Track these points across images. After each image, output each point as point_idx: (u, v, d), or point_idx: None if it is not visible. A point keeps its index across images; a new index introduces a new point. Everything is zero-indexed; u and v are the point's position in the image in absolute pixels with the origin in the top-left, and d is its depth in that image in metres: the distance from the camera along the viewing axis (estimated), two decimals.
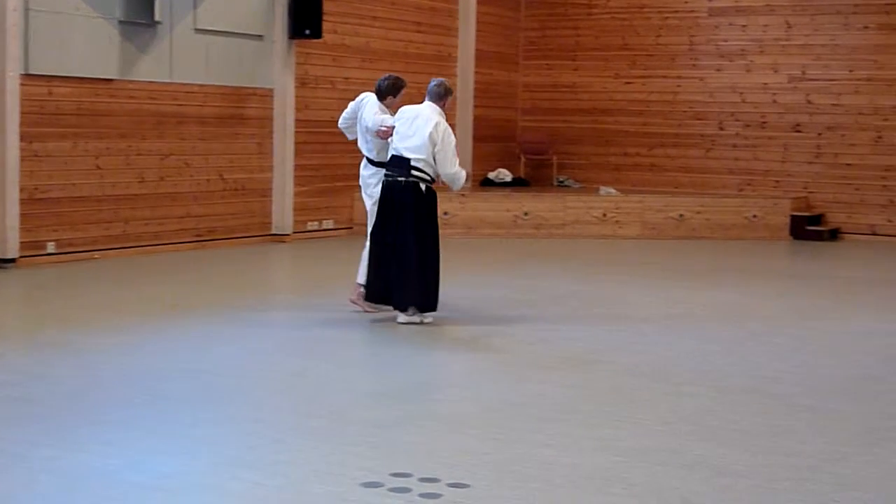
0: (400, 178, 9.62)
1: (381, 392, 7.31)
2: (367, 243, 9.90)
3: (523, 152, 19.63)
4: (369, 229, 9.91)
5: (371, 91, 10.41)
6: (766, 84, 18.30)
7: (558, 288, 11.95)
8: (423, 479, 5.48)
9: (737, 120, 18.53)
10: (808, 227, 17.39)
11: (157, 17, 13.35)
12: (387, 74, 10.57)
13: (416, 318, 9.57)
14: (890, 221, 17.57)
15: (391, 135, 9.78)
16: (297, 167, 15.59)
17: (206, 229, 14.48)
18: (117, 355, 8.22)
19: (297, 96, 15.53)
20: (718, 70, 18.64)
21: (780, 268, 14.81)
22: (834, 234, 17.68)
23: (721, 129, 18.56)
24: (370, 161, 10.24)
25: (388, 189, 9.67)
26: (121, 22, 13.16)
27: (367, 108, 10.23)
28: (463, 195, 16.91)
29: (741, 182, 18.48)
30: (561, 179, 19.42)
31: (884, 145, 17.58)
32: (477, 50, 18.79)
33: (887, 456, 6.15)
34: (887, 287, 12.74)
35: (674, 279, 12.82)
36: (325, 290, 11.64)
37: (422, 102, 9.86)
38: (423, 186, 9.67)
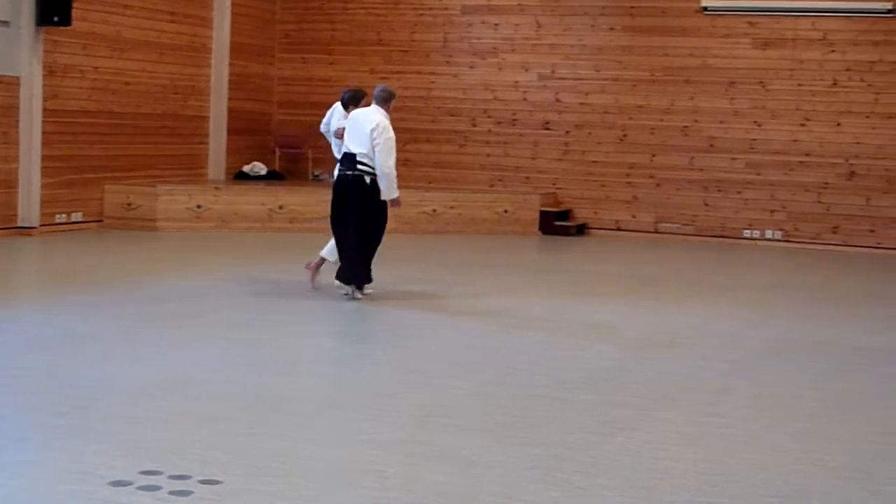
0: (348, 172, 10.84)
1: (132, 388, 7.17)
2: None
3: (278, 146, 19.54)
4: None
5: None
6: (517, 82, 18.71)
7: (317, 282, 11.93)
8: (173, 477, 5.41)
9: (489, 117, 18.90)
10: (557, 223, 17.88)
11: None
12: (348, 87, 11.98)
13: (359, 295, 10.85)
14: (634, 217, 18.22)
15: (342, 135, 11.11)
16: (45, 158, 15.12)
17: None
18: None
19: (44, 85, 15.06)
20: (471, 67, 18.96)
21: (529, 262, 15.18)
22: (581, 230, 18.23)
23: (474, 125, 18.89)
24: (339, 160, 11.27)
25: (338, 182, 10.98)
26: None
27: (333, 116, 11.72)
28: (217, 188, 16.73)
29: (493, 178, 18.85)
30: (316, 173, 19.42)
31: (628, 143, 18.22)
32: (232, 42, 18.60)
33: (629, 444, 6.38)
34: (632, 280, 13.20)
35: (427, 274, 12.98)
36: (73, 284, 11.34)
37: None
38: (367, 179, 10.78)
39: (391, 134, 10.75)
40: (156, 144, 17.32)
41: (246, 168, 18.86)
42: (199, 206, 16.32)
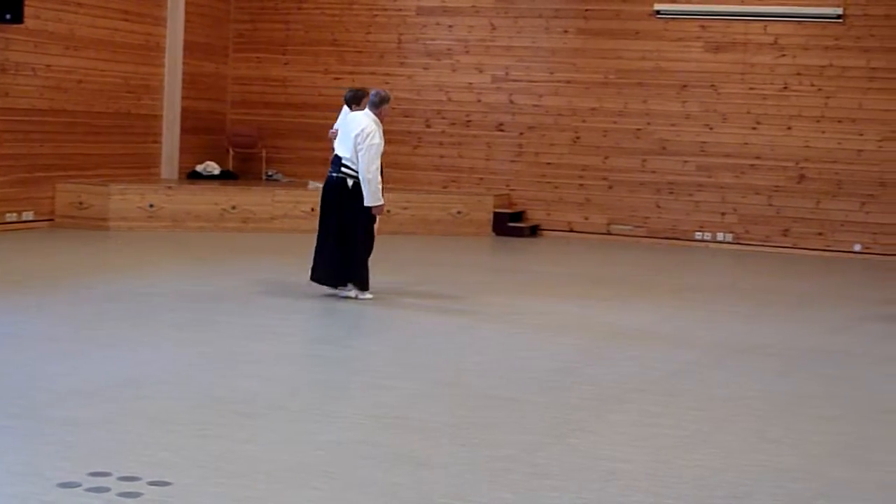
0: (333, 174, 11.08)
1: (81, 389, 7.13)
2: None
3: (232, 145, 19.47)
4: None
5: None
6: (471, 83, 18.74)
7: (265, 281, 11.92)
8: (122, 478, 5.39)
9: (443, 118, 18.92)
10: (510, 224, 17.93)
11: None
12: (350, 87, 11.90)
13: (352, 294, 11.03)
14: (586, 219, 18.30)
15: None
16: None
17: None
18: None
19: None
20: (426, 69, 18.97)
21: (482, 262, 15.22)
22: (534, 231, 18.29)
23: (428, 126, 18.91)
24: None
25: (325, 184, 11.22)
26: None
27: (340, 118, 11.58)
28: (169, 187, 16.66)
29: (446, 179, 18.87)
30: (270, 173, 19.37)
31: (581, 146, 18.29)
32: (186, 41, 18.51)
33: (580, 445, 6.42)
34: (584, 282, 13.26)
35: (382, 275, 12.96)
36: (23, 284, 11.25)
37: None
38: (349, 182, 10.94)
39: (376, 140, 10.78)
40: (108, 143, 17.21)
41: (199, 167, 18.78)
42: (151, 206, 16.24)
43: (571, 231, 18.36)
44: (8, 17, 14.58)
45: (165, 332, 9.18)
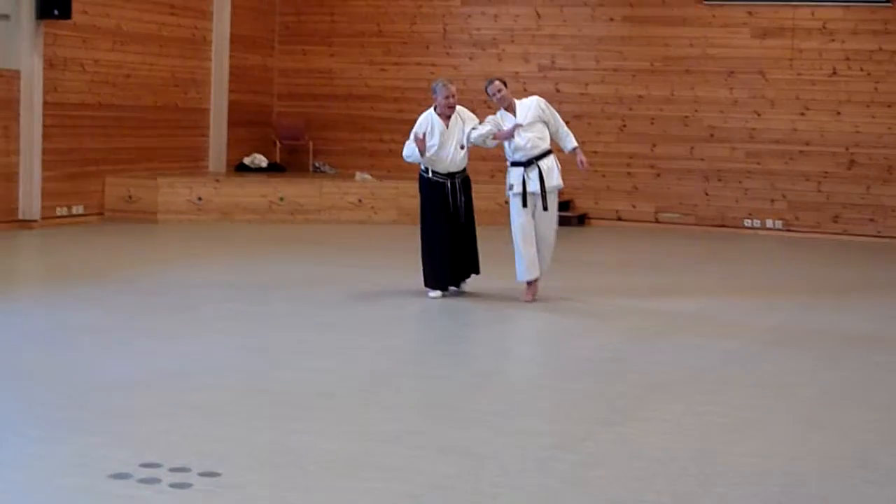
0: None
1: (130, 381, 7.19)
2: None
3: (279, 138, 19.54)
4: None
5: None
6: (517, 72, 18.69)
7: (313, 273, 11.97)
8: (173, 469, 5.43)
9: (489, 107, 18.82)
10: (558, 213, 17.85)
11: None
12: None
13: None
14: (634, 207, 18.23)
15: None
16: (46, 151, 15.13)
17: None
18: None
19: (45, 78, 15.06)
20: (471, 58, 18.95)
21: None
22: (582, 220, 18.24)
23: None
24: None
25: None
26: None
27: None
28: (217, 180, 16.75)
29: (493, 168, 18.83)
30: (317, 165, 19.43)
31: (628, 134, 18.22)
32: (232, 34, 18.59)
33: (628, 433, 6.40)
34: (632, 270, 13.21)
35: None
36: (73, 277, 11.36)
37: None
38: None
39: (417, 125, 10.78)
40: (156, 137, 17.33)
41: (246, 160, 18.87)
42: (199, 199, 16.33)
43: (619, 220, 18.30)
44: (56, 12, 14.71)
45: (214, 323, 9.23)
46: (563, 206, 18.08)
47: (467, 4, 18.98)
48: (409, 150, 10.74)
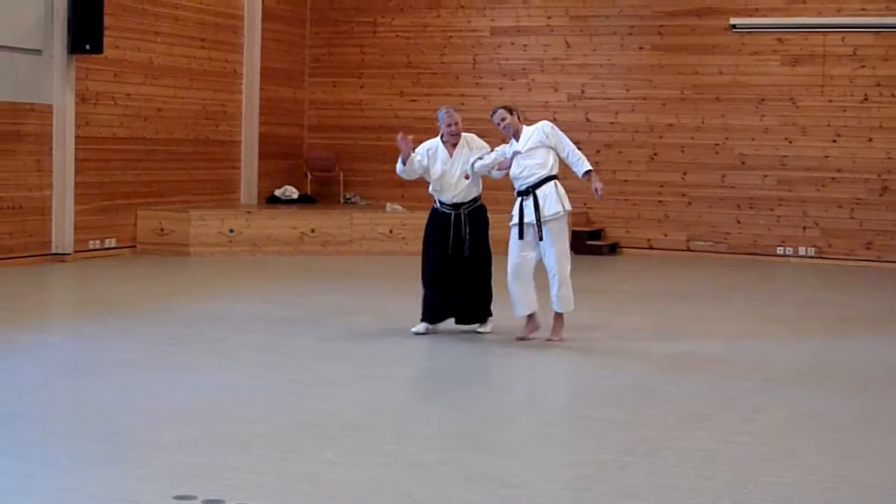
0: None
1: (163, 414, 7.20)
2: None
3: (310, 169, 19.62)
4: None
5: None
6: (546, 102, 18.72)
7: (343, 304, 11.98)
8: (206, 501, 5.43)
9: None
10: (589, 242, 17.86)
11: None
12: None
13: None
14: (665, 236, 18.18)
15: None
16: (78, 185, 15.24)
17: None
18: None
19: (77, 112, 15.18)
20: (501, 88, 18.98)
21: None
22: (613, 249, 18.21)
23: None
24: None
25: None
26: None
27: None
28: (249, 212, 16.80)
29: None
30: (347, 196, 19.48)
31: (659, 162, 18.19)
32: (262, 67, 18.71)
33: (661, 463, 6.36)
34: (664, 299, 13.16)
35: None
36: (106, 310, 11.40)
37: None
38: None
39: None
40: (188, 170, 17.43)
41: (278, 192, 18.94)
42: (231, 231, 16.39)
43: (651, 248, 18.25)
44: (88, 47, 14.84)
45: (246, 355, 9.25)
46: (595, 235, 18.09)
47: (497, 34, 19.03)
48: (399, 163, 10.47)
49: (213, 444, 6.48)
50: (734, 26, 17.74)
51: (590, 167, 10.38)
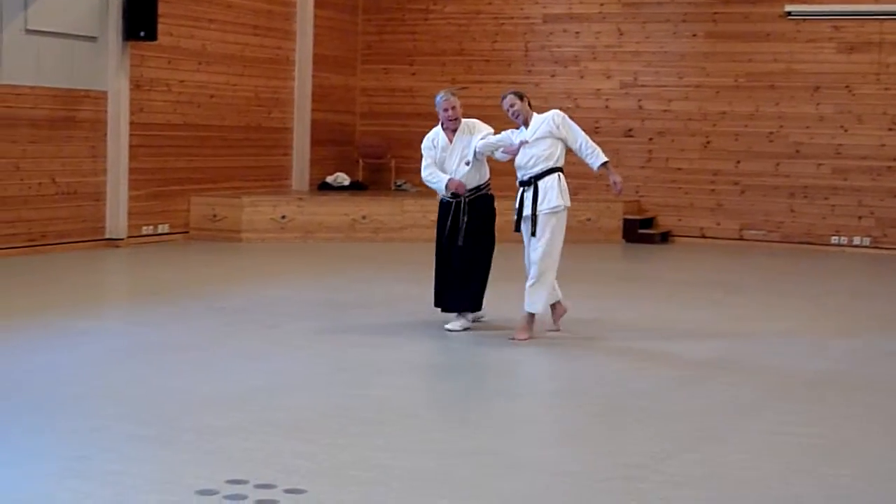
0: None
1: (215, 399, 7.25)
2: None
3: (361, 156, 19.65)
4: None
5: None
6: (599, 90, 18.65)
7: (394, 290, 12.00)
8: (259, 486, 5.46)
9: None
10: (641, 231, 17.79)
11: None
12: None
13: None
14: (718, 224, 18.07)
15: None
16: (132, 170, 15.35)
17: (37, 234, 14.16)
18: None
19: (131, 99, 15.28)
20: (553, 76, 18.93)
21: (612, 270, 15.10)
22: (665, 237, 18.12)
23: None
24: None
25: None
26: None
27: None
28: (300, 199, 16.85)
29: (576, 186, 18.71)
30: (399, 183, 19.50)
31: (712, 150, 18.08)
32: (315, 54, 18.75)
33: (713, 453, 6.32)
34: (717, 288, 13.08)
35: (506, 283, 12.95)
36: (158, 295, 11.49)
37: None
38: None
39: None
40: (240, 156, 17.50)
41: (329, 179, 18.99)
42: (283, 217, 16.45)
43: (703, 237, 18.15)
44: (142, 34, 14.93)
45: (298, 341, 9.28)
46: (647, 223, 18.01)
47: (549, 22, 18.97)
48: (427, 173, 9.88)
49: (265, 430, 6.51)
50: (789, 13, 17.58)
51: (605, 159, 9.80)
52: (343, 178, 19.05)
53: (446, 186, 9.74)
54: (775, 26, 17.70)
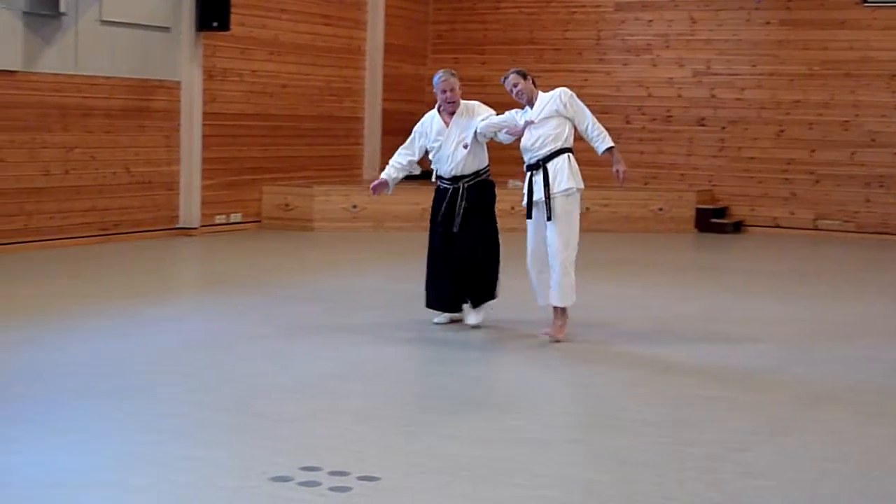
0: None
1: (289, 386, 7.29)
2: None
3: None
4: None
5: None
6: (671, 78, 18.51)
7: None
8: (332, 473, 5.48)
9: (643, 114, 18.73)
10: (713, 220, 17.65)
11: (62, 9, 13.15)
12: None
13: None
14: (792, 214, 17.88)
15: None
16: (205, 160, 15.48)
17: (111, 223, 14.33)
18: (17, 352, 8.11)
19: (204, 89, 15.41)
20: (625, 64, 18.82)
21: (685, 260, 15.01)
22: (738, 227, 17.96)
23: (627, 122, 18.75)
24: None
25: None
26: (25, 13, 12.97)
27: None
28: None
29: (647, 175, 18.67)
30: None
31: (785, 139, 17.88)
32: (386, 43, 18.77)
33: (789, 443, 6.26)
34: (791, 278, 12.95)
35: (584, 271, 12.90)
36: (232, 284, 11.57)
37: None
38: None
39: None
40: (312, 146, 17.58)
41: None
42: (354, 207, 16.50)
43: (777, 227, 17.97)
44: (215, 24, 15.04)
45: (369, 330, 9.29)
46: (719, 212, 17.86)
47: (621, 10, 18.86)
48: (394, 157, 9.79)
49: (338, 417, 6.54)
50: (865, 0, 17.34)
51: (612, 144, 9.01)
52: (414, 168, 19.02)
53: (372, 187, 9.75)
54: (851, 13, 17.47)
